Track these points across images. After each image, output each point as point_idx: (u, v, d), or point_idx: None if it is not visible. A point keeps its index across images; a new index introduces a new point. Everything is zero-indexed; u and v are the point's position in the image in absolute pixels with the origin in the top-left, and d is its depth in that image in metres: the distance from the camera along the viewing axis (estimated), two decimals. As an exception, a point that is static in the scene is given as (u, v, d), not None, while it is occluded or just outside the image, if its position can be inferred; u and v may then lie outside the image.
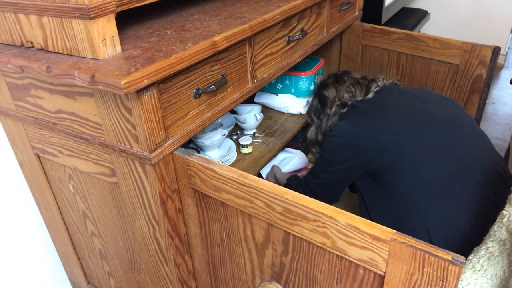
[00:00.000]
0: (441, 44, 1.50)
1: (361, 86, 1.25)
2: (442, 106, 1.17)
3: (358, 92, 1.24)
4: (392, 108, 1.15)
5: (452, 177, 1.04)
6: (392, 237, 0.64)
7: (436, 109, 1.15)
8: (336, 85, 1.30)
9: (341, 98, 1.26)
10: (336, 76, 1.34)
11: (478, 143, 1.12)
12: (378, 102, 1.19)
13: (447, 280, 0.61)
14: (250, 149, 1.42)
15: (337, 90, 1.28)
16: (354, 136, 1.10)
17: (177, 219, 0.95)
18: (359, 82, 1.27)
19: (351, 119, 1.14)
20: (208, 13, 1.07)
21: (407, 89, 1.29)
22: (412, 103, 1.17)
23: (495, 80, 3.16)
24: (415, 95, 1.22)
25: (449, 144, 1.07)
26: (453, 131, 1.11)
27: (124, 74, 0.71)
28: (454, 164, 1.05)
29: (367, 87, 1.24)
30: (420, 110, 1.14)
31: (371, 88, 1.23)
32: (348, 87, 1.27)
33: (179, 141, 0.88)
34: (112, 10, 0.76)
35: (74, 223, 1.18)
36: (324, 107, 1.31)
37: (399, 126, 1.09)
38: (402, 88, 1.31)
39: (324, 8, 1.40)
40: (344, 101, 1.25)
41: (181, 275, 1.02)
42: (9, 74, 0.95)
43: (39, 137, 1.03)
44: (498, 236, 0.81)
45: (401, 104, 1.16)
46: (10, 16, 0.86)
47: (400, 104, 1.16)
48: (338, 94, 1.27)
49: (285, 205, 0.74)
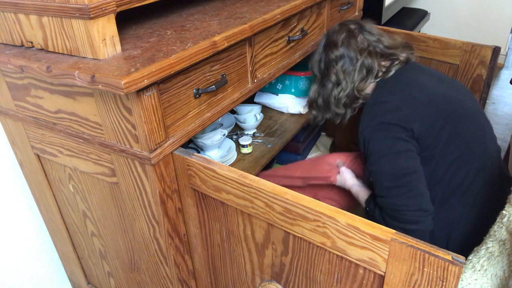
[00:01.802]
0: (441, 44, 1.50)
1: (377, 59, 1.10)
2: (469, 96, 1.13)
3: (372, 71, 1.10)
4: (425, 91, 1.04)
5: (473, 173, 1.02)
6: (392, 237, 0.64)
7: (466, 99, 1.09)
8: (345, 46, 1.11)
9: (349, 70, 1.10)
10: (349, 33, 1.13)
11: (493, 139, 1.12)
12: (408, 81, 1.07)
13: (447, 280, 0.61)
14: (250, 149, 1.42)
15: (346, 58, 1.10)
16: (402, 107, 0.99)
17: (177, 219, 0.95)
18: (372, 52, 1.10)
19: (388, 93, 1.02)
20: (208, 13, 1.07)
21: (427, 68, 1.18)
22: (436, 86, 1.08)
23: (495, 80, 3.16)
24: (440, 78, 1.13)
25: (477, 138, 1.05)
26: (480, 124, 1.08)
27: (124, 74, 0.71)
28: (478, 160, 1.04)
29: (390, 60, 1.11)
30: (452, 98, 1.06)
31: (394, 63, 1.10)
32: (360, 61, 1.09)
33: (179, 141, 0.88)
34: (112, 10, 0.76)
35: (74, 223, 1.18)
36: (329, 71, 1.13)
37: (433, 112, 1.01)
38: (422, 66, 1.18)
39: (324, 8, 1.40)
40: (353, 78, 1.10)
41: (181, 275, 1.02)
42: (9, 74, 0.95)
43: (39, 137, 1.03)
44: (498, 236, 0.81)
45: (434, 88, 1.06)
46: (10, 16, 0.86)
47: (432, 88, 1.06)
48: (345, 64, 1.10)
49: (285, 205, 0.74)
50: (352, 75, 1.11)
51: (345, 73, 1.11)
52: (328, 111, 1.20)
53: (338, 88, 1.13)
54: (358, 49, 1.10)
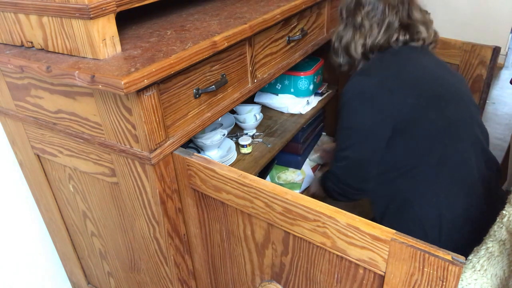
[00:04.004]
0: (441, 44, 1.50)
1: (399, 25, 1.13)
2: (459, 80, 1.14)
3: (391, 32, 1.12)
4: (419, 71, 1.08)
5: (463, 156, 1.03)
6: (392, 237, 0.64)
7: (456, 82, 1.11)
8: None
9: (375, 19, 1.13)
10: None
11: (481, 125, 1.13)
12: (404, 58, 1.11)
13: (447, 280, 0.61)
14: (250, 149, 1.42)
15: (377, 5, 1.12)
16: (379, 92, 1.02)
17: (177, 219, 0.95)
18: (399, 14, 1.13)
19: (375, 74, 1.05)
20: (208, 13, 1.07)
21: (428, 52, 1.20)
22: (435, 68, 1.11)
23: (495, 80, 3.16)
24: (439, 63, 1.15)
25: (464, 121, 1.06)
26: (469, 109, 1.09)
27: (124, 74, 0.71)
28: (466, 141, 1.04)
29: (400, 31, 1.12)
30: (441, 79, 1.08)
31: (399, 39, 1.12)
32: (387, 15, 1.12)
33: (179, 141, 0.88)
34: (112, 10, 0.76)
35: (74, 223, 1.18)
36: (356, 12, 1.15)
37: (424, 89, 1.03)
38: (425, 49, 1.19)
39: (324, 8, 1.40)
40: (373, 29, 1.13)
41: (181, 275, 1.02)
42: (9, 74, 0.95)
43: (39, 137, 1.03)
44: (498, 236, 0.81)
45: (429, 69, 1.10)
46: (10, 16, 0.86)
47: (427, 69, 1.09)
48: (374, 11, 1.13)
49: (285, 205, 0.74)
50: (375, 25, 1.14)
51: (370, 18, 1.14)
52: (345, 57, 1.21)
53: (358, 35, 1.15)
54: (389, 3, 1.14)
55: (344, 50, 1.20)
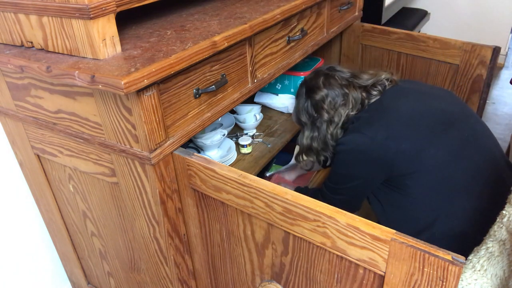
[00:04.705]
0: (441, 44, 1.50)
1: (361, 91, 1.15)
2: (450, 102, 1.15)
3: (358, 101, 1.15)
4: (404, 112, 1.09)
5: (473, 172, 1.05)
6: (392, 237, 0.64)
7: (446, 106, 1.12)
8: (328, 86, 1.16)
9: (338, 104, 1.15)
10: (326, 75, 1.19)
11: (489, 136, 1.14)
12: (386, 107, 1.12)
13: (447, 280, 0.61)
14: (250, 149, 1.42)
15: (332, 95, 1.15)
16: (373, 149, 1.03)
17: (177, 219, 0.95)
18: (353, 85, 1.16)
19: (365, 131, 1.06)
20: (208, 13, 1.07)
21: (407, 86, 1.22)
22: (422, 102, 1.12)
23: (495, 80, 3.16)
24: (419, 92, 1.17)
25: (467, 140, 1.07)
26: (467, 127, 1.10)
27: (124, 74, 0.71)
28: (473, 161, 1.06)
29: (367, 92, 1.15)
30: (433, 109, 1.10)
31: (372, 94, 1.15)
32: (346, 94, 1.14)
33: (179, 141, 0.88)
34: (112, 10, 0.76)
35: (74, 223, 1.18)
36: (320, 112, 1.17)
37: (416, 130, 1.05)
38: (402, 86, 1.22)
39: (324, 8, 1.40)
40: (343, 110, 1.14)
41: (181, 275, 1.02)
42: (9, 74, 0.95)
43: (39, 137, 1.03)
44: (498, 236, 0.81)
45: (412, 106, 1.11)
46: (10, 16, 0.86)
47: (410, 107, 1.11)
48: (334, 99, 1.15)
49: (285, 205, 0.74)
50: (342, 108, 1.15)
51: (335, 108, 1.16)
52: (327, 150, 1.22)
53: (333, 125, 1.17)
54: (340, 85, 1.16)
55: (323, 145, 1.20)
